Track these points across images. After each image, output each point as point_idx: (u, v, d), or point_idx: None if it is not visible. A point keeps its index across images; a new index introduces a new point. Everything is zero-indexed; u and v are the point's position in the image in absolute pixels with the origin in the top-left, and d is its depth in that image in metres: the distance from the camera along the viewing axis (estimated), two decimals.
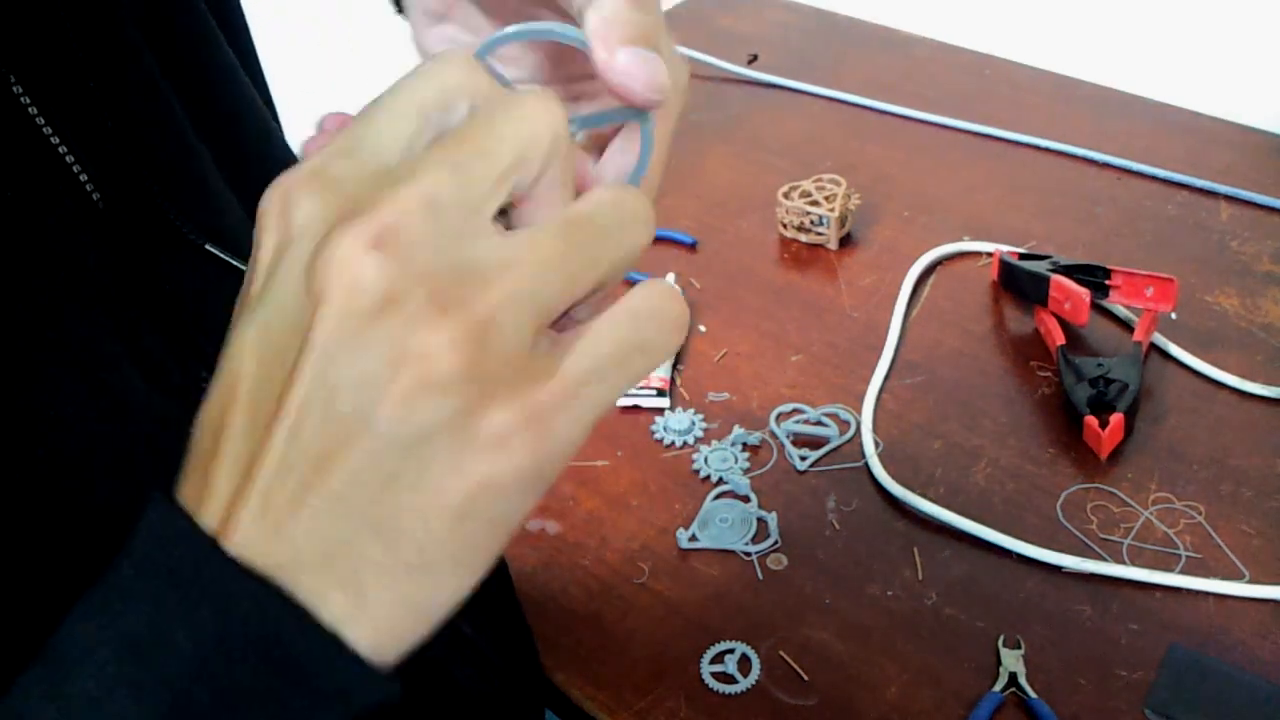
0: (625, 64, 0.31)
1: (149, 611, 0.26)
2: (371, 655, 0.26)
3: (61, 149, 0.38)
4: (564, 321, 0.28)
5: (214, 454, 0.27)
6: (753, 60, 1.24)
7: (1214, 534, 0.73)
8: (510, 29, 0.34)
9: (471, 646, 0.55)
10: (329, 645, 0.26)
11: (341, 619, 0.26)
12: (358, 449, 0.25)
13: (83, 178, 0.39)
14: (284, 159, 0.53)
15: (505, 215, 0.29)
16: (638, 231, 0.29)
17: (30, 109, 0.37)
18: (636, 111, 0.34)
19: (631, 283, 0.29)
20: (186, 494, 0.28)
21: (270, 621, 0.26)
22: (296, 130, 0.58)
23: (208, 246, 0.43)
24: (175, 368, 0.41)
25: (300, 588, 0.26)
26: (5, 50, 0.37)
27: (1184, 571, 0.71)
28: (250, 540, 0.26)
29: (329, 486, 0.26)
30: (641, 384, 0.86)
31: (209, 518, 0.27)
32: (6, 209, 0.35)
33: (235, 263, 0.44)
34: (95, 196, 0.39)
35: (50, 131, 0.38)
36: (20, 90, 0.37)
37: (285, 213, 0.27)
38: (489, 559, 0.27)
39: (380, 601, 0.26)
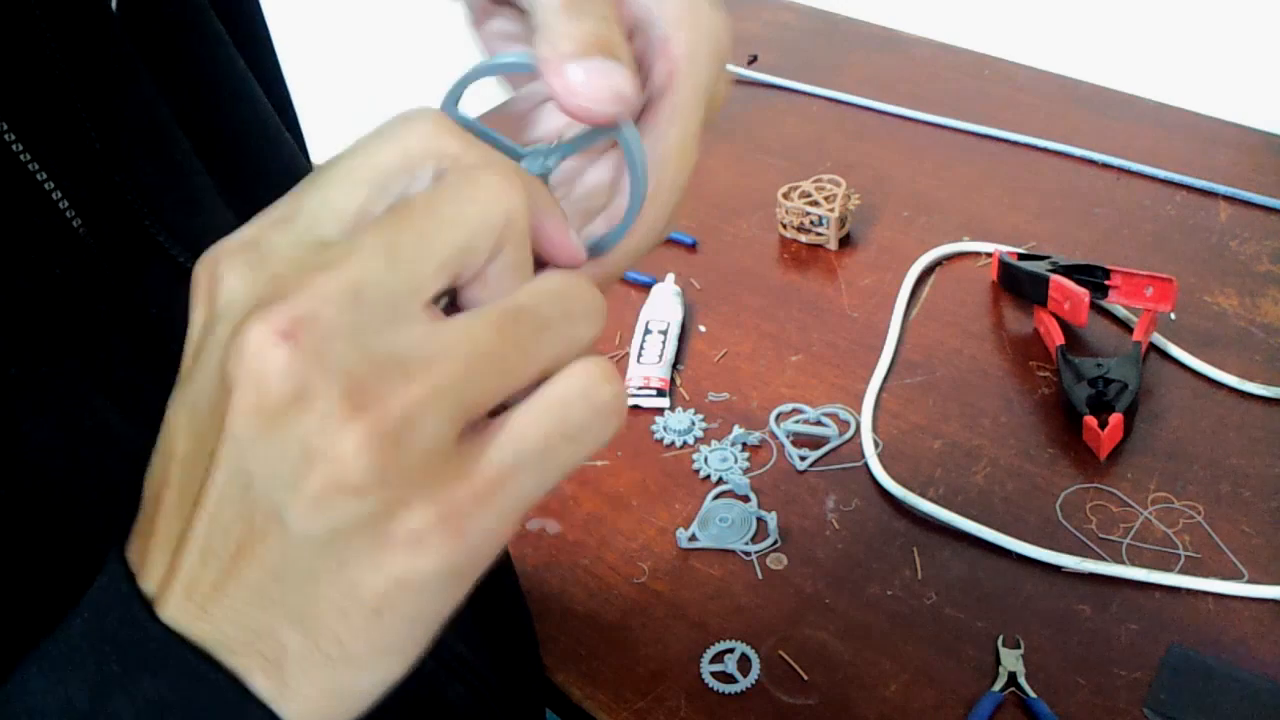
0: (572, 83, 0.28)
1: (92, 677, 0.26)
2: None
3: (40, 175, 0.36)
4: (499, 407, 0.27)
5: (151, 528, 0.27)
6: (752, 61, 1.24)
7: (1213, 534, 0.73)
8: (469, 69, 0.31)
9: (467, 666, 0.55)
10: (268, 717, 0.26)
11: (267, 700, 0.26)
12: (273, 543, 0.25)
13: (63, 204, 0.37)
14: (294, 173, 0.52)
15: (450, 296, 0.27)
16: (585, 325, 0.27)
17: (7, 135, 0.35)
18: (605, 129, 0.31)
19: (645, 287, 0.27)
20: (133, 558, 0.28)
21: (210, 695, 0.26)
22: (319, 140, 0.57)
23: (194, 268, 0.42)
24: (156, 399, 0.40)
25: (234, 664, 0.26)
26: (6, 76, 0.35)
27: (1183, 571, 0.71)
28: (178, 618, 0.26)
29: (247, 577, 0.25)
30: (641, 384, 0.86)
31: (149, 591, 0.27)
32: None
33: None
34: (77, 223, 0.38)
35: (29, 158, 0.36)
36: None
37: (212, 287, 0.26)
38: (415, 649, 0.27)
39: (302, 688, 0.26)
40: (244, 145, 0.48)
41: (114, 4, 0.40)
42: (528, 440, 0.26)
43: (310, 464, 0.24)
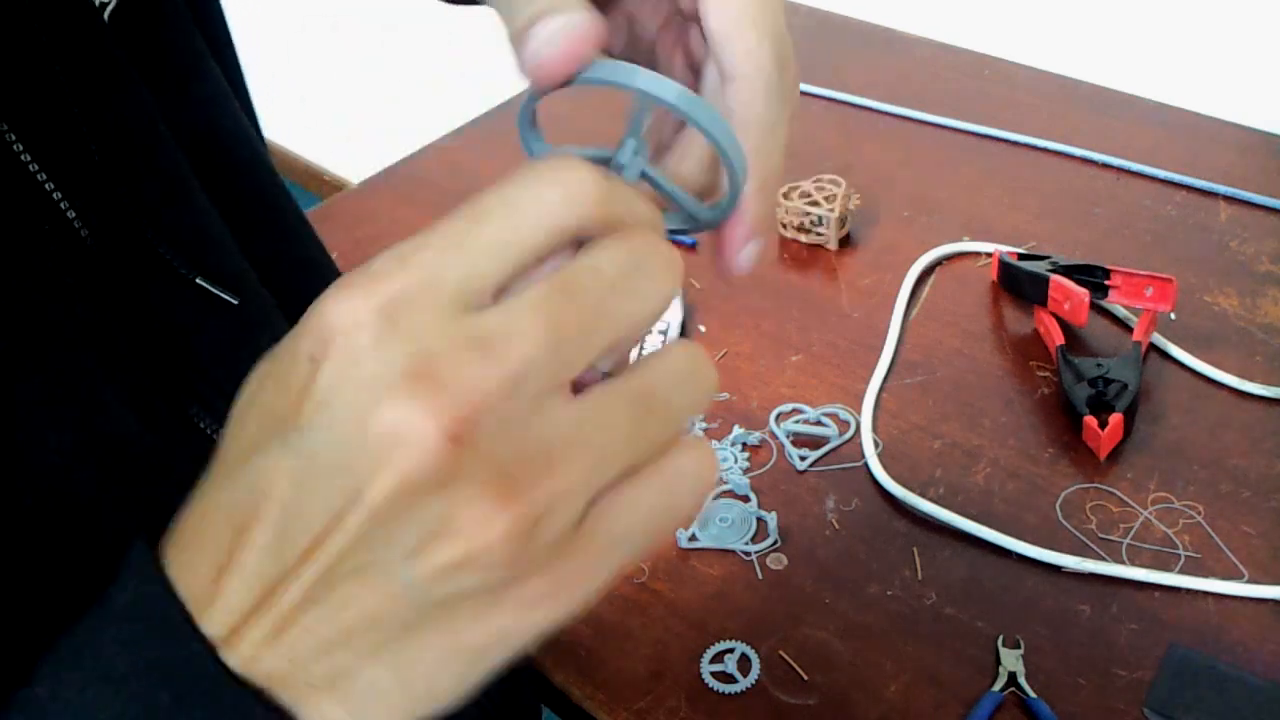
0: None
1: (138, 704, 0.26)
2: None
3: (48, 185, 0.37)
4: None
5: (229, 562, 0.27)
6: None
7: (1213, 534, 0.73)
8: (578, 77, 0.30)
9: None
10: None
11: None
12: (383, 598, 0.26)
13: (70, 214, 0.37)
14: (272, 186, 0.52)
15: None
16: (699, 401, 0.28)
17: (15, 145, 0.36)
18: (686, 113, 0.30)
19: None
20: (185, 582, 0.27)
21: None
22: (275, 134, 0.57)
23: (198, 280, 0.42)
24: (164, 404, 0.40)
25: (299, 695, 0.27)
26: (5, 86, 0.35)
27: (1183, 571, 0.71)
28: (255, 653, 0.26)
29: (347, 624, 0.26)
30: None
31: (215, 624, 0.27)
32: None
33: (226, 297, 0.43)
34: (84, 233, 0.38)
35: (36, 168, 0.36)
36: (5, 127, 0.35)
37: (352, 343, 0.25)
38: (486, 680, 0.28)
39: (374, 716, 0.27)
40: (229, 156, 0.48)
41: (106, 16, 0.41)
42: (638, 520, 0.27)
43: (448, 538, 0.25)
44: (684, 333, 0.91)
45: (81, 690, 0.27)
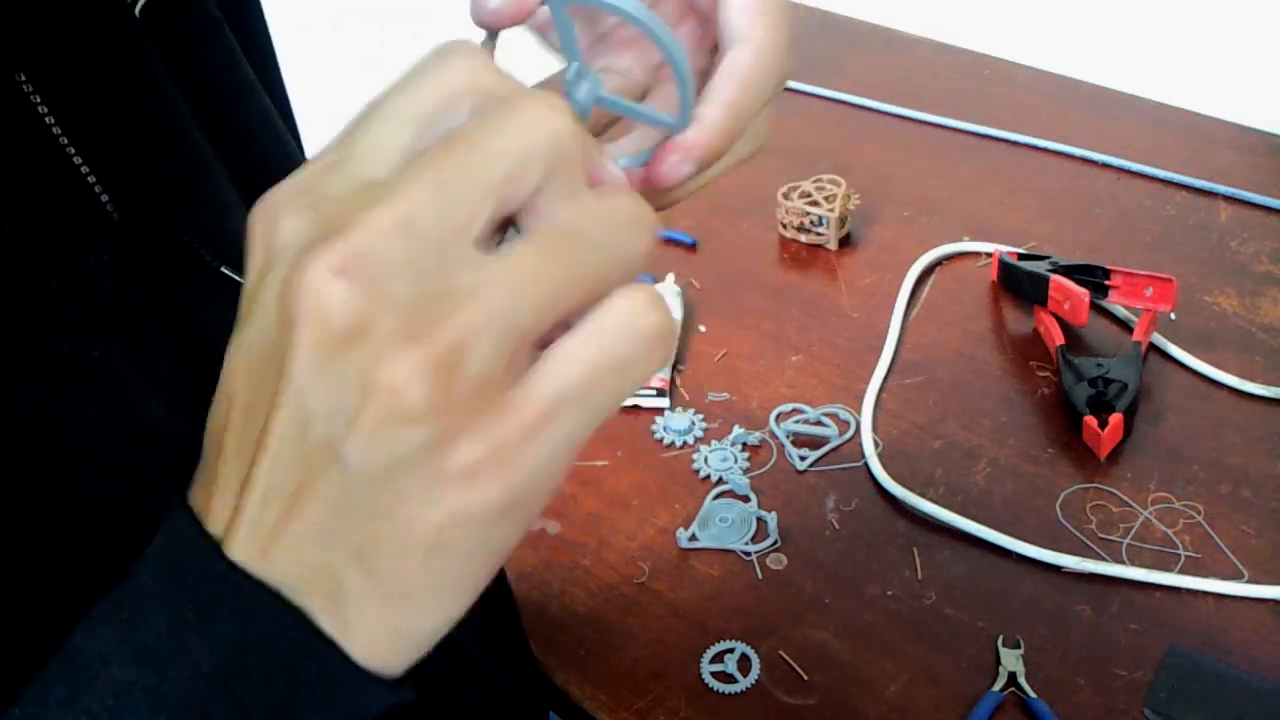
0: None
1: (167, 622, 0.26)
2: (371, 663, 0.27)
3: (84, 169, 0.38)
4: (555, 332, 0.27)
5: (213, 475, 0.28)
6: None
7: (1213, 534, 0.73)
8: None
9: (481, 671, 0.55)
10: (343, 659, 0.26)
11: (338, 637, 0.26)
12: (331, 480, 0.25)
13: (104, 198, 0.38)
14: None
15: (505, 229, 0.28)
16: (632, 240, 0.27)
17: (54, 129, 0.37)
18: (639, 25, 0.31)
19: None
20: (197, 507, 0.28)
21: (289, 636, 0.26)
22: (315, 144, 0.58)
23: (223, 269, 0.43)
24: (189, 389, 0.40)
25: (297, 600, 0.26)
26: (32, 72, 0.37)
27: (1183, 571, 0.71)
28: (243, 561, 0.26)
29: (308, 516, 0.26)
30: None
31: (214, 528, 0.27)
32: (31, 226, 0.35)
33: None
34: (115, 216, 0.39)
35: (73, 151, 0.37)
36: (45, 110, 0.37)
37: (269, 232, 0.26)
38: (473, 588, 0.27)
39: (363, 627, 0.26)
40: (254, 149, 0.48)
41: (137, 9, 0.41)
42: (574, 373, 0.26)
43: (367, 396, 0.24)
44: (684, 333, 0.91)
45: (118, 623, 0.27)
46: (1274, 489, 0.75)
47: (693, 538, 0.75)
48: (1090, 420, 0.78)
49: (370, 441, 0.25)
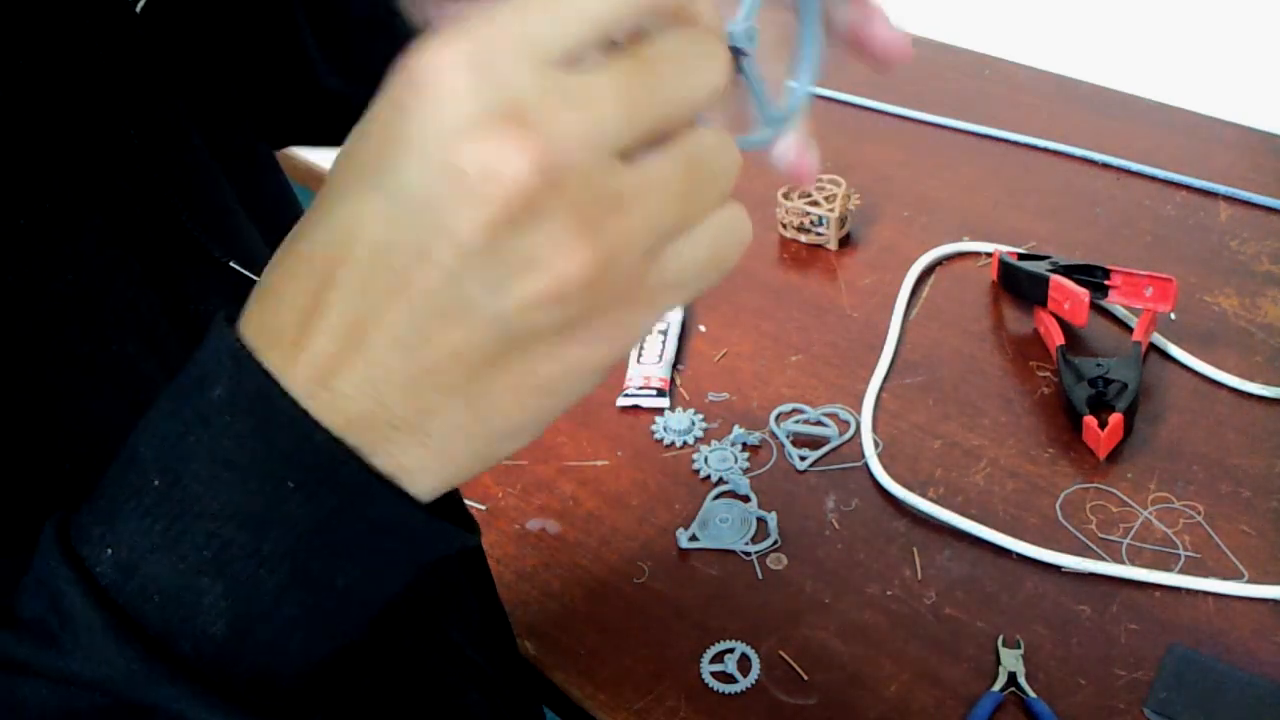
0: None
1: (266, 488, 0.28)
2: (433, 492, 0.30)
3: (94, 166, 0.38)
4: None
5: (316, 306, 0.28)
6: None
7: (1213, 534, 0.73)
8: None
9: (482, 673, 0.56)
10: (419, 510, 0.30)
11: (412, 469, 0.29)
12: (469, 336, 0.27)
13: (114, 195, 0.39)
14: (286, 193, 0.54)
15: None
16: (732, 178, 0.30)
17: (65, 126, 0.37)
18: None
19: None
20: (268, 328, 0.29)
21: (378, 496, 0.29)
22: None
23: (232, 264, 0.43)
24: None
25: (379, 439, 0.28)
26: (40, 71, 0.37)
27: (1183, 571, 0.71)
28: (343, 395, 0.28)
29: (433, 363, 0.28)
30: (641, 384, 0.86)
31: (303, 372, 0.28)
32: (45, 222, 0.36)
33: (258, 280, 0.44)
34: (125, 213, 0.39)
35: (84, 148, 0.38)
36: (54, 109, 0.37)
37: (448, 90, 0.26)
38: (551, 421, 0.30)
39: (458, 458, 0.29)
40: (248, 150, 0.49)
41: (138, 8, 0.42)
42: (689, 270, 0.29)
43: (533, 273, 0.26)
44: (684, 333, 0.91)
45: (209, 482, 0.29)
46: (1274, 489, 0.75)
47: (693, 538, 0.75)
48: (1090, 420, 0.78)
49: (524, 311, 0.27)
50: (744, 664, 0.68)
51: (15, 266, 0.35)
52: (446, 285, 0.27)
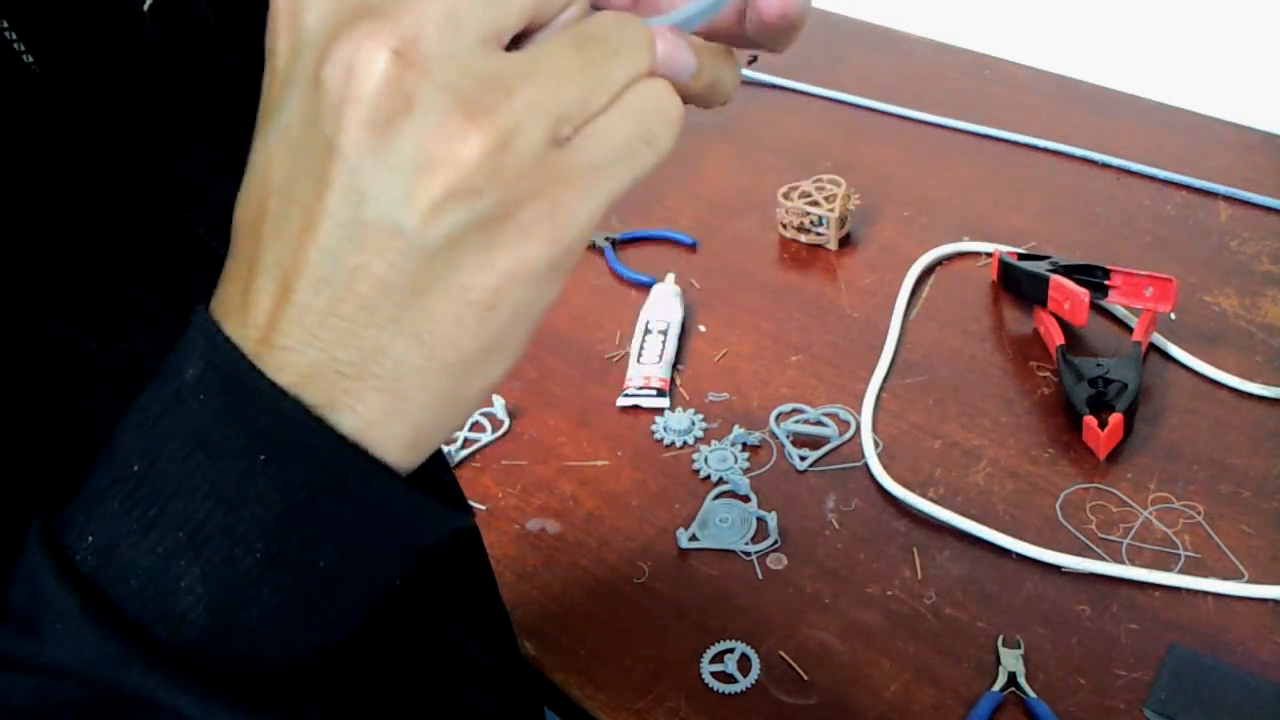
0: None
1: (236, 466, 0.28)
2: (410, 450, 0.29)
3: (100, 162, 0.38)
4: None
5: (252, 267, 0.28)
6: (752, 61, 1.24)
7: (1213, 534, 0.73)
8: None
9: (483, 670, 0.56)
10: (400, 482, 0.29)
11: (377, 419, 0.28)
12: (387, 258, 0.26)
13: (120, 191, 0.39)
14: None
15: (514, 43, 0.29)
16: (642, 53, 0.29)
17: (71, 123, 0.37)
18: None
19: (645, 287, 0.29)
20: (223, 302, 0.29)
21: (354, 466, 0.28)
22: None
23: None
24: None
25: (335, 391, 0.27)
26: (48, 68, 0.37)
27: (1183, 571, 0.71)
28: (286, 346, 0.27)
29: (361, 296, 0.27)
30: (641, 384, 0.86)
31: (252, 329, 0.28)
32: (53, 219, 0.36)
33: None
34: (130, 209, 0.39)
35: (90, 145, 0.38)
36: (61, 105, 0.37)
37: (296, 15, 0.26)
38: (518, 349, 0.29)
39: (420, 400, 0.28)
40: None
41: (145, 6, 0.42)
42: (614, 145, 0.28)
43: (429, 172, 0.25)
44: (684, 333, 0.91)
45: (184, 462, 0.28)
46: (1274, 489, 0.75)
47: (693, 538, 0.75)
48: (1090, 420, 0.78)
49: (432, 216, 0.26)
50: (744, 664, 0.68)
51: (22, 264, 0.35)
52: (347, 207, 0.26)
